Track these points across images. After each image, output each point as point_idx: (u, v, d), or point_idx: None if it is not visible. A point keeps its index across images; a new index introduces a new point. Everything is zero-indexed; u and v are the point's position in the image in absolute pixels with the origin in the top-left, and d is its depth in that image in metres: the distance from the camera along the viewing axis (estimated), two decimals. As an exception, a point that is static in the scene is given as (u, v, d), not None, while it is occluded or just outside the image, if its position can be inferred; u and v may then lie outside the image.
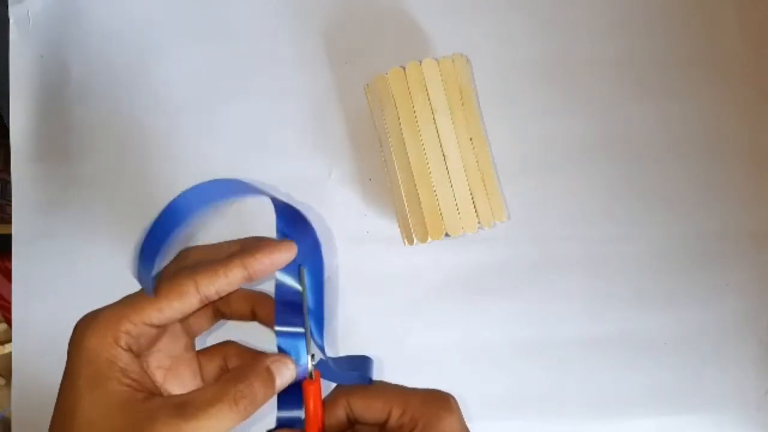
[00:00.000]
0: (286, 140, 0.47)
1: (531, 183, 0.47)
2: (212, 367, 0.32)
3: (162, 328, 0.29)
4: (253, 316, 0.33)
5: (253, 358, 0.31)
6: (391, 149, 0.42)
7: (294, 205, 0.32)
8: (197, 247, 0.31)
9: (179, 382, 0.30)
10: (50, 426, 0.27)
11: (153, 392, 0.27)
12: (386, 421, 0.28)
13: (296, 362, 0.30)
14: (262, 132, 0.47)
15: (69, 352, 0.27)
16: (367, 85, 0.45)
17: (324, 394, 0.30)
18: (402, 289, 0.47)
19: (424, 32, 0.47)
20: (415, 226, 0.41)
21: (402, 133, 0.41)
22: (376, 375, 0.32)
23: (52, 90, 0.47)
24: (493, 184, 0.42)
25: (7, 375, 0.73)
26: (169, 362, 0.30)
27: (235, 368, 0.30)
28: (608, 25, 0.48)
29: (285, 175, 0.46)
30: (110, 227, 0.46)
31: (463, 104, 0.41)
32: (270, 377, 0.28)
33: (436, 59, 0.41)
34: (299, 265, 0.32)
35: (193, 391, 0.27)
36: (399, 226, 0.45)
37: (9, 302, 0.47)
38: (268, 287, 0.42)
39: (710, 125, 0.48)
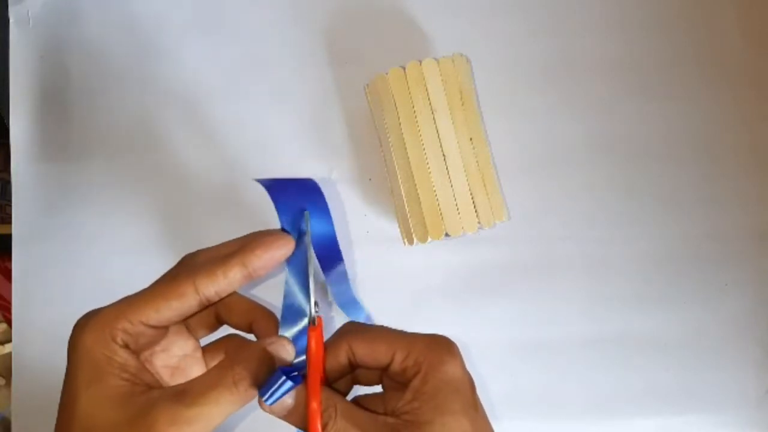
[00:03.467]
0: (286, 140, 0.47)
1: (531, 183, 0.47)
2: (217, 361, 0.32)
3: (162, 330, 0.29)
4: (249, 330, 0.32)
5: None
6: (391, 149, 0.42)
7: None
8: (200, 251, 0.31)
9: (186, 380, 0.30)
10: (56, 425, 0.27)
11: (152, 386, 0.27)
12: (388, 365, 0.28)
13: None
14: (262, 132, 0.47)
15: (68, 351, 0.27)
16: (367, 85, 0.45)
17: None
18: (402, 289, 0.47)
19: (424, 32, 0.47)
20: (415, 226, 0.41)
21: (402, 133, 0.41)
22: None
23: (52, 90, 0.47)
24: (493, 184, 0.42)
25: (7, 375, 0.73)
26: (175, 362, 0.30)
27: (233, 352, 0.29)
28: (608, 26, 0.48)
29: (285, 175, 0.46)
30: (110, 227, 0.46)
31: (463, 104, 0.41)
32: (268, 358, 0.28)
33: (436, 59, 0.41)
34: (303, 209, 0.32)
35: (192, 379, 0.27)
36: (399, 226, 0.45)
37: (9, 302, 0.47)
38: (270, 291, 0.42)
39: (710, 125, 0.48)
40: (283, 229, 0.32)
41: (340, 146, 0.47)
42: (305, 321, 0.32)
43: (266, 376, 0.27)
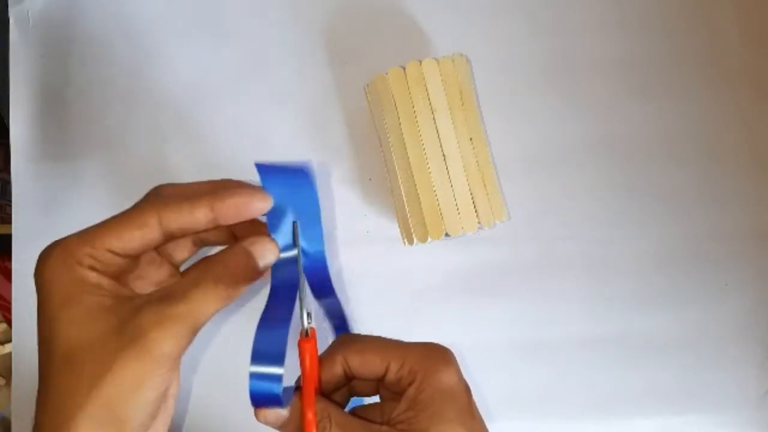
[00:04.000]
0: (286, 140, 0.47)
1: (531, 183, 0.47)
2: None
3: (131, 258, 0.28)
4: (233, 237, 0.31)
5: None
6: (391, 149, 0.42)
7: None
8: (168, 184, 0.30)
9: None
10: (38, 363, 0.26)
11: (133, 298, 0.27)
12: (384, 376, 0.28)
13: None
14: (262, 132, 0.47)
15: (35, 282, 0.27)
16: (367, 85, 0.45)
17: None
18: (402, 289, 0.47)
19: (424, 32, 0.47)
20: (415, 226, 0.41)
21: (402, 133, 0.41)
22: None
23: (52, 90, 0.47)
24: (493, 184, 0.42)
25: (7, 375, 0.73)
26: (153, 288, 0.29)
27: (214, 254, 0.29)
28: (608, 26, 0.48)
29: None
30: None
31: (463, 104, 0.41)
32: (249, 256, 0.28)
33: (436, 59, 0.41)
34: (293, 222, 0.31)
35: (175, 282, 0.27)
36: (399, 226, 0.45)
37: (9, 302, 0.47)
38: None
39: (710, 125, 0.48)
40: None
41: (340, 146, 0.47)
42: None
43: (247, 274, 0.27)
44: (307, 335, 0.29)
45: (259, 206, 0.29)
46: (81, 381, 0.24)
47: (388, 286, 0.46)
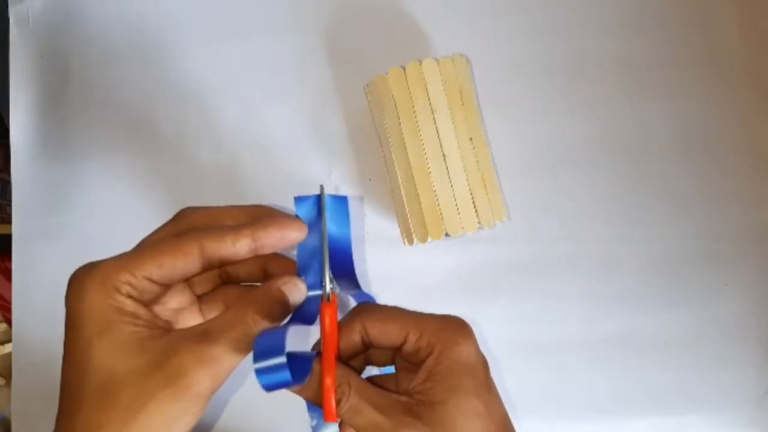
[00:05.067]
0: (286, 140, 0.47)
1: (531, 183, 0.47)
2: (215, 312, 0.31)
3: (164, 287, 0.28)
4: (264, 275, 0.31)
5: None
6: (391, 149, 0.42)
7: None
8: (198, 208, 0.30)
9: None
10: (61, 385, 0.26)
11: (168, 330, 0.27)
12: (402, 345, 0.28)
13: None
14: (263, 132, 0.47)
15: (68, 305, 0.26)
16: (367, 85, 0.45)
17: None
18: (402, 289, 0.47)
19: (424, 32, 0.47)
20: (415, 226, 0.41)
21: (402, 133, 0.41)
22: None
23: (52, 90, 0.47)
24: (493, 184, 0.42)
25: (7, 375, 0.73)
26: (170, 315, 0.29)
27: (246, 293, 0.29)
28: (608, 26, 0.48)
29: (285, 175, 0.47)
30: (110, 228, 0.46)
31: (463, 104, 0.41)
32: (283, 297, 0.28)
33: (436, 59, 0.41)
34: (321, 185, 0.31)
35: (211, 320, 0.27)
36: (399, 226, 0.45)
37: (9, 302, 0.47)
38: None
39: (710, 125, 0.48)
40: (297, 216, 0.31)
41: (340, 146, 0.47)
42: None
43: (281, 315, 0.27)
44: (328, 300, 0.29)
45: (296, 236, 0.29)
46: (115, 414, 0.24)
47: (388, 286, 0.46)
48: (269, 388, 0.26)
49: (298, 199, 0.31)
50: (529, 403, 0.47)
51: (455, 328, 0.28)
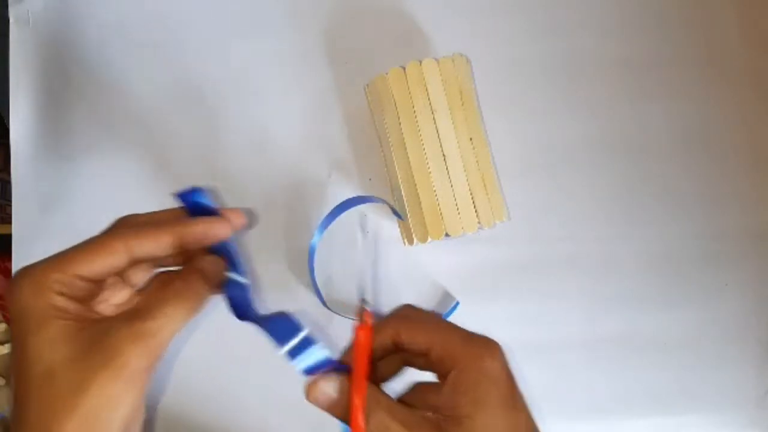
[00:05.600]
0: (286, 140, 0.47)
1: (531, 183, 0.47)
2: None
3: (98, 283, 0.29)
4: (189, 260, 0.32)
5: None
6: (391, 149, 0.42)
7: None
8: (134, 214, 0.32)
9: None
10: (14, 385, 0.27)
11: (102, 319, 0.28)
12: (428, 353, 0.29)
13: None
14: (263, 132, 0.47)
15: (9, 306, 0.28)
16: (367, 85, 0.45)
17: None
18: (402, 289, 0.47)
19: (424, 32, 0.47)
20: (415, 226, 0.41)
21: (402, 133, 0.41)
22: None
23: (52, 90, 0.47)
24: (493, 184, 0.42)
25: (7, 375, 0.73)
26: (113, 310, 0.31)
27: (171, 273, 0.31)
28: (608, 26, 0.48)
29: (285, 175, 0.47)
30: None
31: (463, 104, 0.41)
32: (204, 274, 0.29)
33: (436, 59, 0.41)
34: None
35: (140, 300, 0.29)
36: (399, 226, 0.45)
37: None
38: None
39: (710, 125, 0.48)
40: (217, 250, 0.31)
41: (340, 146, 0.47)
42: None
43: (204, 289, 0.29)
44: (362, 320, 0.30)
45: (221, 233, 0.30)
46: (59, 399, 0.25)
47: (388, 286, 0.46)
48: (312, 370, 0.27)
49: (182, 195, 0.32)
50: (529, 403, 0.46)
51: (482, 343, 0.28)
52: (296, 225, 0.46)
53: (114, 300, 0.30)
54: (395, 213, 0.43)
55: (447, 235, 0.40)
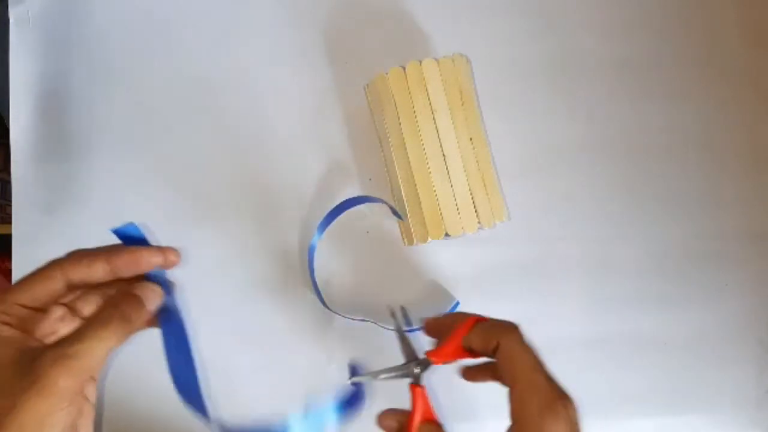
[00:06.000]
0: (286, 140, 0.47)
1: (531, 183, 0.47)
2: None
3: (39, 310, 0.30)
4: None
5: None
6: (391, 149, 0.42)
7: None
8: (82, 249, 0.33)
9: None
10: None
11: (38, 347, 0.29)
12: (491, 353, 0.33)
13: None
14: (263, 132, 0.47)
15: None
16: (367, 85, 0.45)
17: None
18: (402, 289, 0.47)
19: (424, 32, 0.47)
20: (415, 226, 0.41)
21: (402, 133, 0.41)
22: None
23: (52, 90, 0.47)
24: (493, 184, 0.42)
25: None
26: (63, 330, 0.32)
27: (107, 299, 0.32)
28: (608, 26, 0.48)
29: (285, 175, 0.47)
30: (110, 227, 0.46)
31: (463, 104, 0.41)
32: (137, 299, 0.31)
33: (436, 59, 0.41)
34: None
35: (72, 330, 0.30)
36: (399, 226, 0.45)
37: (9, 302, 0.47)
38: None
39: (710, 125, 0.48)
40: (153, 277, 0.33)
41: (340, 146, 0.47)
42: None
43: (134, 314, 0.31)
44: (418, 383, 0.35)
45: (152, 260, 0.32)
46: None
47: (388, 286, 0.46)
48: None
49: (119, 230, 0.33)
50: (529, 403, 0.47)
51: (501, 326, 0.34)
52: (296, 225, 0.46)
53: (63, 332, 0.31)
54: (395, 213, 0.43)
55: (447, 235, 0.40)
